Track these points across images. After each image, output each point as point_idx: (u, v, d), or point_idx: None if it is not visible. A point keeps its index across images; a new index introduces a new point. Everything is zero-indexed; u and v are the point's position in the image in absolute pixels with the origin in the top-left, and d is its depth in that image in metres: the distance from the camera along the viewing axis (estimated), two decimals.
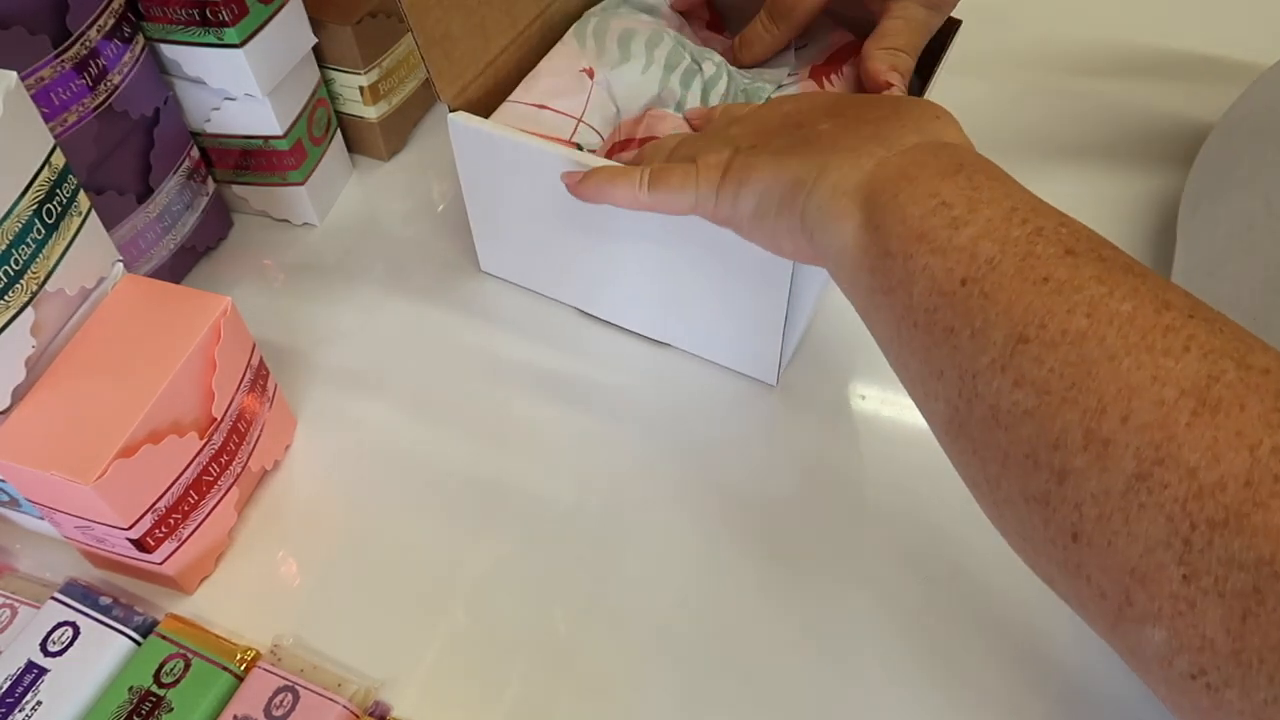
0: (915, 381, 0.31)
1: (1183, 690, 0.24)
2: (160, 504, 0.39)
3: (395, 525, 0.45)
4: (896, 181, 0.32)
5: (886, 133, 0.34)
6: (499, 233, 0.53)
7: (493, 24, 0.48)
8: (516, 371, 0.52)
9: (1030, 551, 0.28)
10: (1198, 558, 0.23)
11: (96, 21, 0.44)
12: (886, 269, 0.31)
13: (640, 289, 0.50)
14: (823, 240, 0.34)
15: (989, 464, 0.28)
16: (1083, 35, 0.71)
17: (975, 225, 0.29)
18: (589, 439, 0.48)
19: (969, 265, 0.29)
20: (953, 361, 0.29)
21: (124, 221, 0.49)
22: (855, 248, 0.33)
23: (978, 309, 0.28)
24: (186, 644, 0.39)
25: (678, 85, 0.52)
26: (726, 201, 0.38)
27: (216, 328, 0.40)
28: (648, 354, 0.52)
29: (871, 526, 0.45)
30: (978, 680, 0.40)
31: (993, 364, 0.27)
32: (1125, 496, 0.24)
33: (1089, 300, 0.26)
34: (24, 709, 0.37)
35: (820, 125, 0.37)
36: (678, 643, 0.42)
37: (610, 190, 0.42)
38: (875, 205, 0.32)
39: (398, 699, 0.40)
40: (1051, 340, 0.26)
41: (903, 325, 0.31)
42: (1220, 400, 0.24)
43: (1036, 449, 0.26)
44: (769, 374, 0.50)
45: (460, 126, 0.47)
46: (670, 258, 0.47)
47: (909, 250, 0.30)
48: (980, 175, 0.31)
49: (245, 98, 0.51)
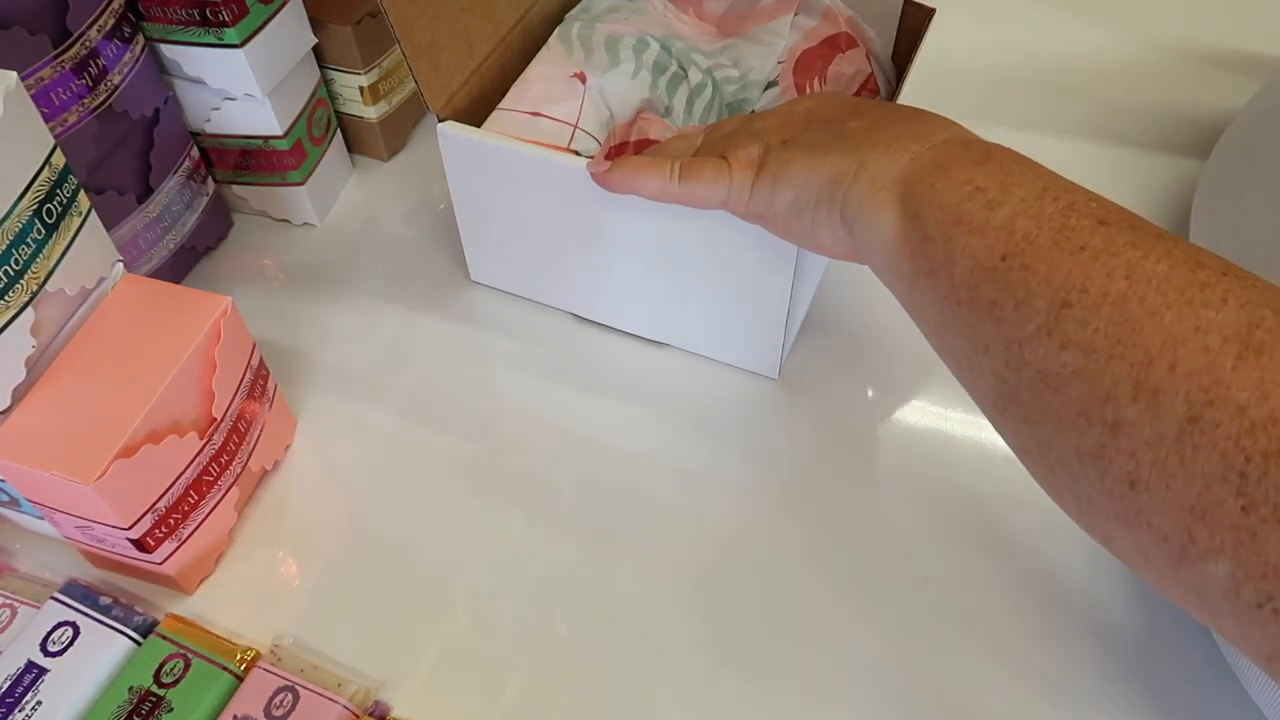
0: (961, 360, 0.32)
1: (1251, 620, 0.24)
2: (160, 504, 0.39)
3: (395, 525, 0.46)
4: (932, 172, 0.33)
5: (918, 130, 0.36)
6: (492, 242, 0.52)
7: (475, 31, 0.48)
8: (515, 375, 0.52)
9: (1087, 509, 0.29)
10: (1255, 488, 0.23)
11: (96, 21, 0.44)
12: (928, 253, 0.32)
13: (636, 290, 0.49)
14: (863, 233, 0.35)
15: (1041, 428, 0.29)
16: (1101, 26, 0.70)
17: (1010, 205, 0.31)
18: (589, 441, 0.48)
19: (1007, 241, 0.30)
20: (998, 333, 0.30)
21: (124, 221, 0.49)
22: (896, 237, 0.34)
23: (1019, 281, 0.29)
24: (186, 644, 0.39)
25: (665, 92, 0.52)
26: (762, 196, 0.39)
27: (216, 328, 0.40)
28: (647, 354, 0.52)
29: (877, 521, 0.45)
30: (980, 681, 0.40)
31: (1038, 330, 0.28)
32: (1179, 439, 0.25)
33: (1126, 264, 0.28)
34: (24, 709, 0.37)
35: (849, 123, 0.38)
36: (678, 643, 0.42)
37: (640, 180, 0.42)
38: (913, 195, 0.33)
39: (398, 699, 0.40)
40: (1094, 303, 0.27)
41: (946, 305, 0.32)
42: (1263, 344, 0.25)
43: (1088, 405, 0.27)
44: (771, 368, 0.50)
45: (451, 137, 0.47)
46: (666, 257, 0.46)
47: (948, 233, 0.32)
48: (1010, 161, 0.33)
49: (245, 98, 0.51)
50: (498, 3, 0.49)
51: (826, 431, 0.48)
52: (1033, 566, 0.43)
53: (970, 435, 0.48)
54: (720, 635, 0.42)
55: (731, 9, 0.57)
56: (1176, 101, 0.65)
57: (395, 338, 0.53)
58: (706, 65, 0.54)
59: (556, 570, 0.44)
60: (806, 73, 0.54)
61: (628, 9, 0.55)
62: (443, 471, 0.47)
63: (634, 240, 0.47)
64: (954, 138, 0.35)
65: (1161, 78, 0.67)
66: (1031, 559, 0.43)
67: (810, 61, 0.54)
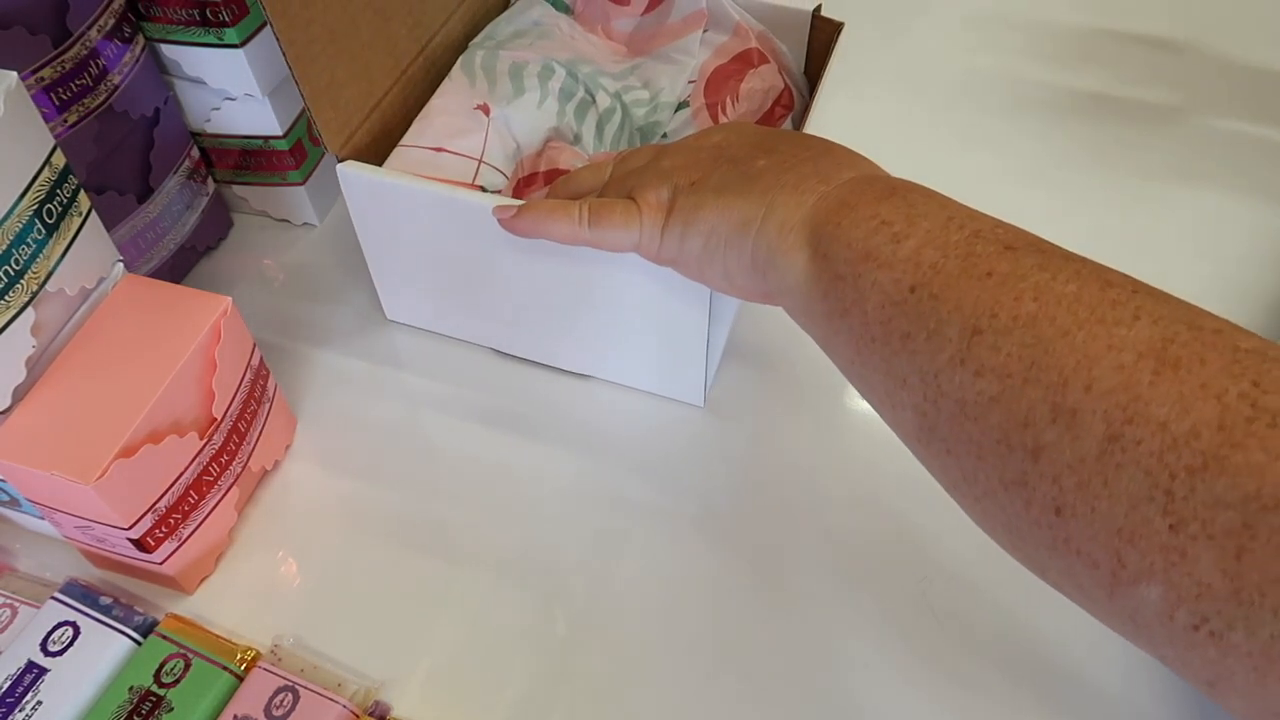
0: (881, 396, 0.32)
1: (1188, 644, 0.23)
2: (160, 504, 0.39)
3: (395, 525, 0.46)
4: (838, 210, 0.33)
5: (825, 169, 0.36)
6: (403, 281, 0.50)
7: (376, 66, 0.46)
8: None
9: (1017, 540, 0.28)
10: (1182, 505, 0.23)
11: (96, 21, 0.44)
12: (839, 292, 0.32)
13: (555, 325, 0.48)
14: (775, 277, 0.35)
15: (964, 459, 0.28)
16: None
17: (916, 237, 0.31)
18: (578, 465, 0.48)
19: (915, 272, 0.30)
20: (914, 366, 0.29)
21: (124, 221, 0.49)
22: (807, 279, 0.34)
23: (930, 311, 0.29)
24: (187, 644, 0.39)
25: (573, 119, 0.51)
26: (672, 242, 0.38)
27: (216, 328, 0.40)
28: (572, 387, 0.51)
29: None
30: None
31: (952, 359, 0.28)
32: (1101, 460, 0.24)
33: (1034, 286, 0.27)
34: (24, 708, 0.37)
35: (757, 162, 0.37)
36: (678, 643, 0.42)
37: (548, 225, 0.40)
38: (821, 235, 0.33)
39: (398, 699, 0.40)
40: (1004, 327, 0.27)
41: (861, 343, 0.32)
42: (1179, 358, 0.24)
43: (1007, 432, 0.27)
44: (695, 396, 0.49)
45: (352, 177, 0.45)
46: (580, 294, 0.45)
47: (857, 270, 0.31)
48: (915, 194, 0.33)
49: (245, 98, 0.51)
50: (399, 35, 0.48)
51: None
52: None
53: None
54: (718, 638, 0.42)
55: (640, 28, 0.56)
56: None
57: (396, 337, 0.53)
58: (615, 89, 0.52)
59: (557, 570, 0.44)
60: (718, 91, 0.53)
61: (533, 33, 0.54)
62: (443, 472, 0.47)
63: (546, 278, 0.45)
64: (860, 175, 0.35)
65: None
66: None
67: (722, 79, 0.54)
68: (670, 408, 0.49)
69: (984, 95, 0.66)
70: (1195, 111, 0.64)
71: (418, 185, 0.44)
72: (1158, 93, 0.65)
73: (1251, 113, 0.63)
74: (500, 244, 0.44)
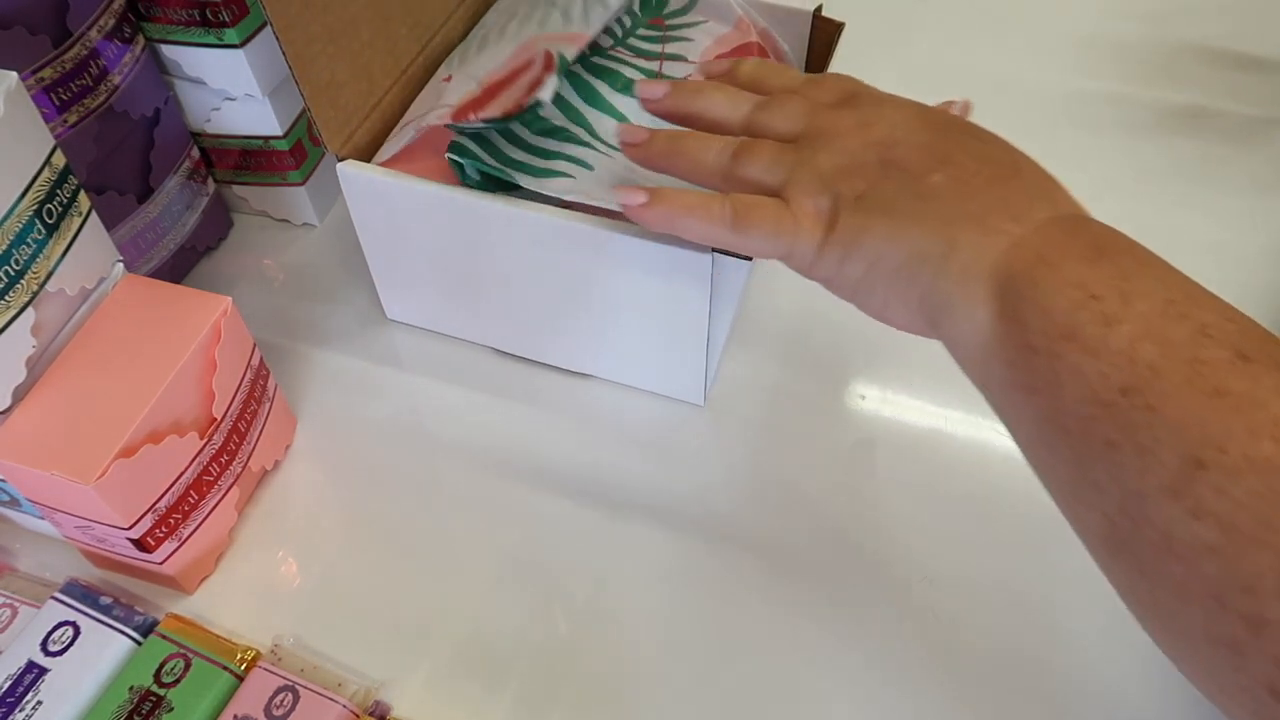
0: (1063, 485, 0.28)
1: None
2: (160, 504, 0.39)
3: (395, 525, 0.46)
4: (1036, 267, 0.29)
5: (1015, 201, 0.31)
6: (403, 280, 0.50)
7: (377, 66, 0.46)
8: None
9: (1216, 692, 0.25)
10: None
11: (96, 21, 0.44)
12: (1030, 365, 0.28)
13: (555, 323, 0.48)
14: (948, 323, 0.31)
15: (1160, 593, 0.25)
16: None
17: (1130, 322, 0.26)
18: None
19: (1129, 371, 0.26)
20: (1114, 477, 0.26)
21: (124, 221, 0.49)
22: (991, 338, 0.30)
23: (1143, 424, 0.25)
24: (187, 644, 0.39)
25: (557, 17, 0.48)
26: (830, 264, 0.34)
27: (216, 328, 0.40)
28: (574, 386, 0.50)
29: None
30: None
31: (1164, 488, 0.24)
32: None
33: (1274, 420, 0.23)
34: (24, 709, 0.37)
35: (932, 177, 0.32)
36: (678, 643, 0.42)
37: (685, 220, 0.36)
38: (1013, 292, 0.29)
39: (398, 699, 0.40)
40: (1234, 467, 0.23)
41: (1048, 429, 0.28)
42: None
43: (1223, 590, 0.23)
44: (696, 395, 0.49)
45: (352, 176, 0.45)
46: (579, 290, 0.45)
47: (1055, 349, 0.27)
48: (1125, 259, 0.28)
49: (245, 98, 0.51)
50: (399, 35, 0.48)
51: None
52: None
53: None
54: (715, 639, 0.42)
55: None
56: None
57: (395, 337, 0.53)
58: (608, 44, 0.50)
59: (558, 569, 0.44)
60: None
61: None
62: (443, 472, 0.47)
63: (545, 273, 0.45)
64: (1058, 218, 0.30)
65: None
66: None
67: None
68: (671, 406, 0.49)
69: (985, 97, 0.65)
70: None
71: (418, 185, 0.44)
72: (1164, 94, 0.65)
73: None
74: (500, 243, 0.44)
